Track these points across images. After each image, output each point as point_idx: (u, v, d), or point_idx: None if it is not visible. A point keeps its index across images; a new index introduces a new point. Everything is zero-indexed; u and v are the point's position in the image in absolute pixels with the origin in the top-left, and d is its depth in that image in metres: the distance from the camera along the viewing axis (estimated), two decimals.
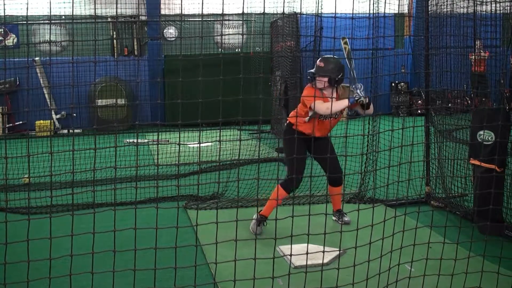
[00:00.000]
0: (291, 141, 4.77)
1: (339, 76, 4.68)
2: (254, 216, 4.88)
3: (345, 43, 4.82)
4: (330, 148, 4.89)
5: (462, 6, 5.81)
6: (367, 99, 4.59)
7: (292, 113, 5.09)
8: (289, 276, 3.13)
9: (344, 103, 4.55)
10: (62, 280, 2.64)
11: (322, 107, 4.54)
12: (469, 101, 7.42)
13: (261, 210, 4.90)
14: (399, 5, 14.52)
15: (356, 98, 4.54)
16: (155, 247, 2.60)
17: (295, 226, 2.96)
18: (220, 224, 2.87)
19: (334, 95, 4.77)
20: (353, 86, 4.63)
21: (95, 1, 13.36)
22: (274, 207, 4.84)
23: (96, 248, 2.60)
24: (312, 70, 4.76)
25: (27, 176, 7.11)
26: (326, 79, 4.67)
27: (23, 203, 5.87)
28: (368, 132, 6.03)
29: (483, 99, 7.54)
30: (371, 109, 4.77)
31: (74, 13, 12.90)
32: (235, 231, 2.96)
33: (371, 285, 3.23)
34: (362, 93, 4.56)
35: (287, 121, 5.00)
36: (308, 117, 4.75)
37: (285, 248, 4.27)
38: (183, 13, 13.88)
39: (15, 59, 12.56)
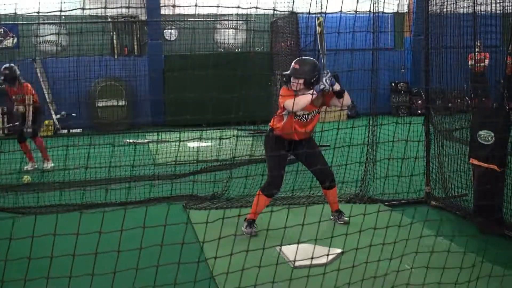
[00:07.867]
0: (269, 146, 4.80)
1: (315, 77, 4.59)
2: (243, 226, 4.86)
3: (319, 24, 4.78)
4: (315, 152, 4.84)
5: (462, 6, 5.80)
6: (334, 87, 4.50)
7: (272, 119, 4.95)
8: (273, 273, 3.13)
9: (309, 96, 4.43)
10: (61, 281, 2.63)
11: (290, 103, 4.45)
12: (469, 101, 7.40)
13: (247, 216, 4.88)
14: (399, 4, 14.50)
15: (321, 87, 4.48)
16: (147, 246, 2.59)
17: (295, 226, 2.95)
18: (219, 224, 2.87)
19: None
20: (321, 73, 4.54)
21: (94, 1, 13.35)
22: (259, 211, 4.80)
23: (82, 250, 2.59)
24: (287, 72, 4.71)
25: (27, 176, 7.16)
26: (301, 80, 4.60)
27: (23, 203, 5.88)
28: (368, 132, 6.02)
29: (483, 99, 7.53)
30: (347, 99, 4.68)
31: (73, 13, 12.90)
32: (234, 230, 2.95)
33: (369, 285, 3.23)
34: (327, 81, 4.48)
35: (270, 127, 4.91)
36: (284, 119, 4.69)
37: (285, 248, 4.26)
38: (183, 13, 13.87)
39: (15, 59, 12.54)
